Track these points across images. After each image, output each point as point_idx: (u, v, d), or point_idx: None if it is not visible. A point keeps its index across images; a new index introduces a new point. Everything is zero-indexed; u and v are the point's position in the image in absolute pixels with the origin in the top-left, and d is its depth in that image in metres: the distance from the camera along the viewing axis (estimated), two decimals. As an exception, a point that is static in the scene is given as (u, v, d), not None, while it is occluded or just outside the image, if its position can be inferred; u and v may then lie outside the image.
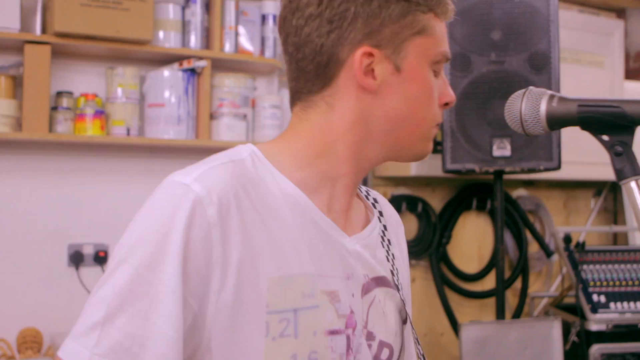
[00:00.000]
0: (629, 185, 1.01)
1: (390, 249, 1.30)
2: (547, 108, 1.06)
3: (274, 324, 1.07)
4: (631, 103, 1.01)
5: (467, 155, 3.17)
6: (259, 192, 1.12)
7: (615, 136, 1.02)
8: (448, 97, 1.22)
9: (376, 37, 1.14)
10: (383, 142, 1.19)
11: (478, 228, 4.17)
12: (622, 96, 4.36)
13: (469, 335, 3.23)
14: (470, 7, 3.19)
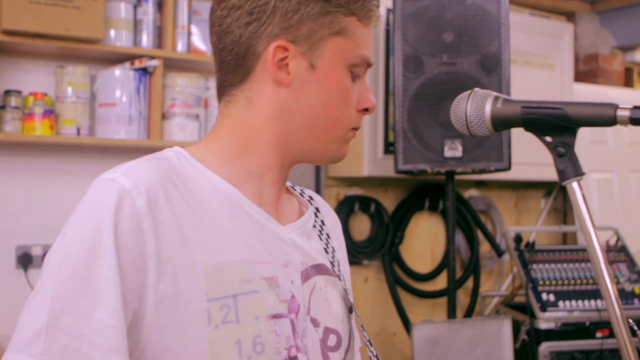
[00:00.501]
0: (571, 186, 1.03)
1: (329, 242, 1.31)
2: (491, 109, 1.08)
3: (215, 311, 1.07)
4: (573, 105, 1.02)
5: (419, 155, 3.20)
6: (187, 185, 1.12)
7: (557, 137, 1.04)
8: (368, 102, 1.23)
9: (293, 33, 1.15)
10: (301, 139, 1.20)
11: (430, 228, 4.20)
12: (571, 98, 4.43)
13: (420, 335, 3.26)
14: (423, 9, 3.21)
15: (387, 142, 3.58)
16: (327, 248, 1.29)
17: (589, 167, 4.67)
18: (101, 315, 1.01)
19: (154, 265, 1.05)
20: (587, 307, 3.55)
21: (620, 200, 4.78)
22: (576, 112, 1.02)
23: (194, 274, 1.07)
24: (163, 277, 1.05)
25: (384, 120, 3.59)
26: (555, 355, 3.49)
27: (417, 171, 3.22)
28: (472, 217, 4.16)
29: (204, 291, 1.07)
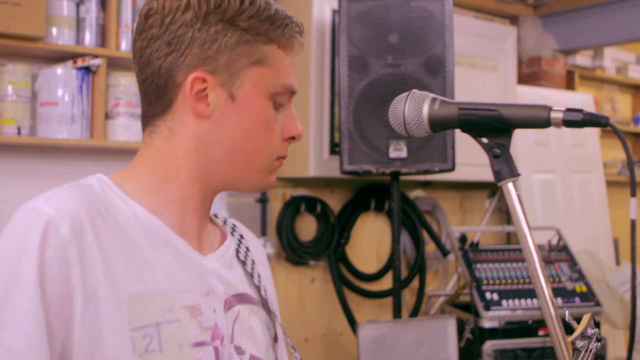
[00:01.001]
0: (507, 186, 1.04)
1: (255, 268, 1.31)
2: (429, 111, 1.09)
3: (138, 340, 1.06)
4: (508, 107, 1.04)
5: (364, 156, 3.21)
6: (111, 213, 1.11)
7: (493, 139, 1.05)
8: (294, 131, 1.23)
9: (212, 63, 1.14)
10: (223, 169, 1.19)
11: (376, 228, 4.23)
12: (514, 100, 4.50)
13: (366, 335, 3.27)
14: (368, 11, 3.23)
15: (332, 142, 3.59)
16: (252, 274, 1.28)
17: (532, 168, 4.75)
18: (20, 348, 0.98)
19: (80, 293, 1.03)
20: (530, 305, 3.61)
21: (562, 201, 4.87)
22: (511, 114, 1.03)
23: (116, 303, 1.06)
24: (88, 306, 1.04)
25: (330, 121, 3.60)
26: (499, 353, 3.53)
27: (362, 172, 3.23)
28: (417, 218, 4.20)
29: (127, 320, 1.06)
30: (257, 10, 1.16)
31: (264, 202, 3.67)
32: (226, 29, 1.14)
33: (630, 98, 6.31)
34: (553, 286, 3.73)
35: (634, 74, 5.95)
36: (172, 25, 1.14)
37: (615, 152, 6.07)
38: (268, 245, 3.64)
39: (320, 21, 3.58)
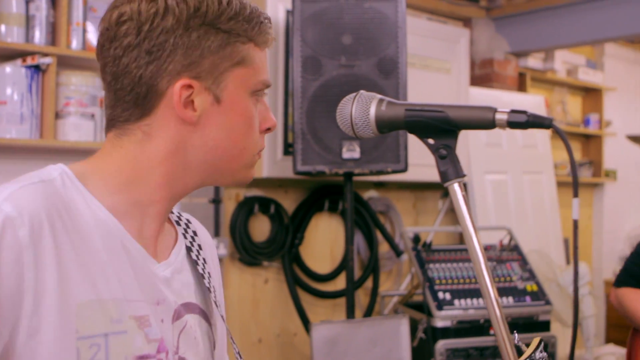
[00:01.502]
0: (452, 187, 1.05)
1: (206, 267, 1.30)
2: (376, 112, 1.09)
3: (84, 349, 1.05)
4: (454, 108, 1.05)
5: (318, 157, 3.22)
6: (70, 215, 1.09)
7: (439, 140, 1.06)
8: (269, 122, 1.24)
9: (195, 69, 1.13)
10: (202, 171, 1.19)
11: (330, 229, 4.23)
12: (467, 101, 4.54)
13: (319, 335, 3.27)
14: (322, 12, 3.23)
15: (286, 143, 3.59)
16: (203, 274, 1.27)
17: (484, 168, 4.81)
18: None
19: (30, 298, 1.02)
20: (482, 305, 3.65)
21: (514, 201, 4.93)
22: (457, 115, 1.04)
23: (65, 311, 1.04)
24: (37, 311, 1.02)
25: (284, 122, 3.59)
26: (451, 352, 3.57)
27: (315, 172, 3.24)
28: (371, 218, 4.21)
29: (75, 329, 1.05)
30: (235, 11, 1.15)
31: (217, 203, 3.65)
32: (208, 33, 1.13)
33: (581, 100, 6.42)
34: (504, 285, 3.78)
35: (584, 77, 6.05)
36: (152, 32, 1.11)
37: (566, 153, 6.16)
38: (221, 246, 3.62)
39: (274, 21, 3.57)
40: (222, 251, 3.62)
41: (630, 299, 2.61)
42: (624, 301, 2.62)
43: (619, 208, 6.63)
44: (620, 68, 6.70)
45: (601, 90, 6.31)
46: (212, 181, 1.23)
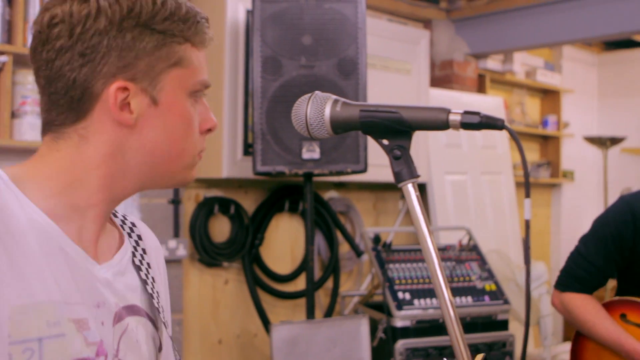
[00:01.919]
0: (406, 188, 1.05)
1: (149, 272, 1.28)
2: (331, 112, 1.09)
3: (17, 354, 1.03)
4: (408, 109, 1.05)
5: (277, 157, 3.21)
6: (3, 217, 1.07)
7: (394, 140, 1.06)
8: (210, 123, 1.22)
9: (131, 71, 1.12)
10: (141, 173, 1.17)
11: (291, 229, 4.23)
12: (427, 102, 4.57)
13: (279, 336, 3.27)
14: (282, 12, 3.23)
15: (246, 143, 3.58)
16: (146, 280, 1.25)
17: (444, 169, 4.84)
18: None
19: None
20: (441, 304, 3.67)
21: (473, 201, 4.97)
22: (411, 116, 1.05)
23: None
24: None
25: (243, 122, 3.58)
26: (411, 352, 3.58)
27: (275, 173, 3.23)
28: (331, 218, 4.22)
29: (7, 333, 1.02)
30: (170, 12, 1.14)
31: (176, 204, 3.62)
32: (143, 34, 1.12)
33: (539, 102, 6.50)
34: (463, 285, 3.81)
35: (542, 79, 6.13)
36: (84, 34, 1.09)
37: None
38: (181, 247, 3.60)
39: (234, 21, 3.56)
40: (181, 252, 3.60)
41: (577, 306, 2.46)
42: (572, 308, 2.47)
43: (576, 208, 6.72)
44: (578, 70, 6.80)
45: (559, 92, 6.40)
46: (153, 183, 1.21)
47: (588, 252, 2.46)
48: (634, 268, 2.43)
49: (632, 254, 2.40)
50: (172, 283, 3.64)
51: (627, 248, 2.39)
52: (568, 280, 2.50)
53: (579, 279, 2.47)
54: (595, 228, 2.48)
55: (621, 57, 6.94)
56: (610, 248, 2.42)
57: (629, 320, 2.39)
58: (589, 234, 2.50)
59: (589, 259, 2.45)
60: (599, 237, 2.44)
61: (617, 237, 2.40)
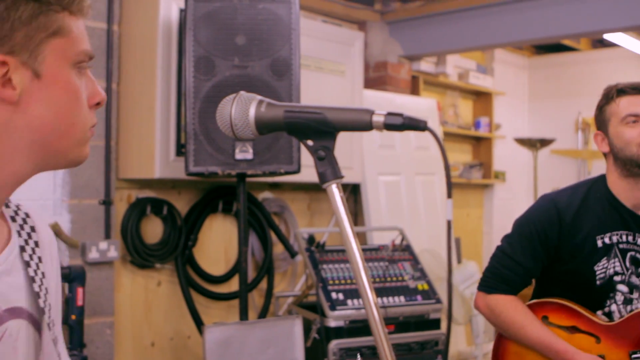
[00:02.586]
0: (330, 188, 1.06)
1: (40, 267, 1.22)
2: (255, 113, 1.09)
3: None
4: (332, 110, 1.06)
5: (210, 158, 3.19)
6: None
7: (318, 141, 1.06)
8: (98, 96, 1.17)
9: (8, 43, 1.06)
10: (31, 153, 1.11)
11: (224, 230, 4.21)
12: (361, 104, 4.60)
13: (212, 337, 3.25)
14: (215, 11, 3.21)
15: (179, 143, 3.54)
16: (34, 276, 1.19)
17: (378, 170, 4.88)
18: None
19: None
20: (374, 304, 3.69)
21: (407, 202, 5.02)
22: (335, 117, 1.05)
23: None
24: None
25: (176, 122, 3.55)
26: (344, 352, 3.60)
27: (208, 173, 3.21)
28: (265, 219, 4.21)
29: None
30: None
31: (108, 204, 3.57)
32: (17, 3, 1.06)
33: (472, 104, 6.60)
34: (396, 285, 3.84)
35: (475, 81, 6.22)
36: None
37: (457, 155, 6.33)
38: (112, 248, 3.54)
39: (167, 20, 3.53)
40: (113, 254, 3.55)
41: (506, 308, 2.38)
42: (499, 310, 2.39)
43: (507, 208, 6.85)
44: (509, 73, 6.93)
45: (491, 94, 6.51)
46: (46, 164, 1.14)
47: (514, 251, 2.41)
48: (556, 267, 2.43)
49: (556, 253, 2.39)
50: (104, 285, 3.59)
51: (553, 246, 2.38)
52: (494, 281, 2.43)
53: (506, 279, 2.42)
54: (521, 227, 2.44)
55: (551, 60, 7.10)
56: (537, 247, 2.38)
57: (551, 323, 2.36)
58: (513, 234, 2.45)
59: (515, 258, 2.40)
60: (526, 236, 2.40)
61: (543, 236, 2.37)
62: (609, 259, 2.35)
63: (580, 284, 2.38)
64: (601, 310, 2.38)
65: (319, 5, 4.79)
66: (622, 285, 2.36)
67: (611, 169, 2.42)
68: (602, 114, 2.42)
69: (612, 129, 2.38)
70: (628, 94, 2.36)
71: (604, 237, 2.37)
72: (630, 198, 2.38)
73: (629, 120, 2.33)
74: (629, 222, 2.38)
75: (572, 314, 2.36)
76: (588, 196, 2.41)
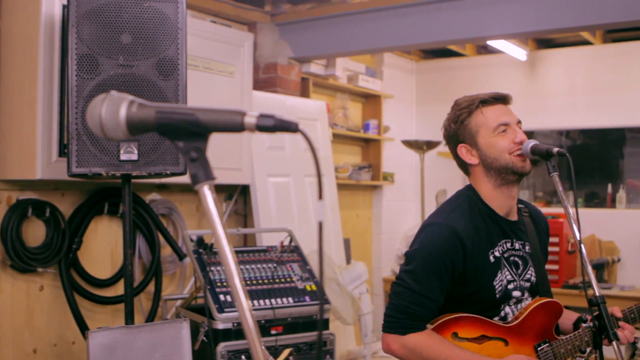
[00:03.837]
0: (202, 190, 1.05)
1: None
2: (126, 113, 1.07)
3: None
4: (204, 111, 1.05)
5: (94, 158, 3.11)
6: None
7: (190, 142, 1.06)
8: None
9: None
10: None
11: (110, 233, 4.12)
12: (250, 105, 4.59)
13: (96, 342, 3.18)
14: (99, 8, 3.14)
15: (62, 143, 3.45)
16: None
17: (267, 171, 4.88)
18: None
19: None
20: (263, 305, 3.70)
21: (296, 203, 5.04)
22: (207, 118, 1.05)
23: None
24: None
25: (59, 121, 3.45)
26: (233, 354, 3.58)
27: (91, 174, 3.13)
28: (153, 221, 4.15)
29: None
30: None
31: (-15, 206, 3.44)
32: None
33: (361, 106, 6.69)
34: (285, 286, 3.85)
35: (364, 84, 6.31)
36: None
37: (347, 157, 6.40)
38: (-10, 252, 3.41)
39: (50, 16, 3.43)
40: (-9, 258, 3.42)
41: (426, 346, 2.27)
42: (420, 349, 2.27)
43: (396, 209, 6.98)
44: (398, 77, 7.06)
45: (380, 97, 6.61)
46: None
47: (422, 288, 2.29)
48: (459, 290, 2.36)
49: (461, 278, 2.33)
50: (-19, 290, 3.45)
51: (459, 273, 2.32)
52: (407, 321, 2.31)
53: (418, 316, 2.30)
54: (426, 262, 2.31)
55: (438, 65, 7.28)
56: (444, 279, 2.30)
57: (461, 337, 2.31)
58: (417, 269, 2.32)
59: (424, 294, 2.29)
60: (433, 271, 2.30)
61: (450, 266, 2.29)
62: (502, 271, 2.37)
63: (481, 300, 2.36)
64: (497, 316, 2.38)
65: (208, 5, 4.76)
66: (516, 291, 2.40)
67: (483, 180, 2.41)
68: (466, 127, 2.42)
69: (482, 140, 2.38)
70: (491, 104, 2.40)
71: (493, 251, 2.38)
72: (503, 206, 2.42)
73: (500, 129, 2.36)
74: (505, 229, 2.42)
75: (477, 324, 2.34)
76: (472, 214, 2.38)
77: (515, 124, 2.39)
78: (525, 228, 2.49)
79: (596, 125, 6.61)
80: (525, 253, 2.46)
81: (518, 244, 2.45)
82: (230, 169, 4.46)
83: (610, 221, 6.24)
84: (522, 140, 2.35)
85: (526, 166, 2.35)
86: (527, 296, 2.45)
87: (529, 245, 2.47)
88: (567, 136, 6.97)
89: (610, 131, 6.70)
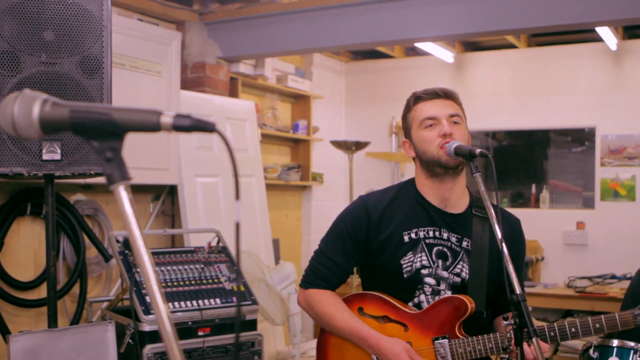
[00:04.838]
0: (118, 190, 1.04)
1: None
2: (40, 112, 1.05)
3: None
4: (120, 111, 1.04)
5: (15, 158, 3.04)
6: None
7: (105, 142, 1.04)
8: None
9: None
10: None
11: (34, 234, 4.03)
12: (178, 105, 4.55)
13: (18, 347, 3.10)
14: (21, 4, 3.06)
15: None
16: None
17: (195, 172, 4.84)
18: None
19: None
20: (190, 307, 3.66)
21: (225, 204, 5.02)
22: (122, 118, 1.03)
23: None
24: None
25: (-21, 120, 3.36)
26: (159, 356, 3.54)
27: (13, 174, 3.06)
28: (77, 222, 4.07)
29: None
30: None
31: None
32: None
33: (290, 106, 6.69)
34: (212, 287, 3.83)
35: (293, 84, 6.32)
36: None
37: (276, 157, 6.40)
38: None
39: (-32, 12, 3.33)
40: None
41: (318, 300, 2.56)
42: (313, 303, 2.57)
43: (325, 209, 7.00)
44: (327, 77, 7.09)
45: (309, 98, 6.63)
46: None
47: (328, 249, 2.57)
48: (368, 262, 2.56)
49: (366, 248, 2.53)
50: None
51: (362, 242, 2.52)
52: (312, 277, 2.59)
53: (321, 276, 2.57)
54: (334, 227, 2.60)
55: (367, 66, 7.33)
56: (347, 244, 2.54)
57: (365, 313, 2.52)
58: (329, 233, 2.61)
59: (329, 255, 2.56)
60: (337, 234, 2.56)
61: (352, 233, 2.52)
62: (415, 253, 2.49)
63: (390, 277, 2.51)
64: (411, 301, 2.51)
65: (135, 3, 4.69)
66: (430, 278, 2.50)
67: (418, 172, 2.57)
68: (405, 122, 2.58)
69: (414, 134, 2.53)
70: (423, 100, 2.52)
71: (410, 232, 2.51)
72: (437, 197, 2.53)
73: (426, 123, 2.48)
74: (434, 218, 2.53)
75: (384, 305, 2.51)
76: (397, 196, 2.57)
77: (445, 118, 2.48)
78: (470, 225, 2.56)
79: (521, 126, 6.76)
80: (458, 247, 2.54)
81: (450, 236, 2.54)
82: (157, 169, 4.41)
83: (534, 221, 6.37)
84: (446, 133, 2.45)
85: (450, 161, 2.42)
86: (446, 288, 2.51)
87: (469, 241, 2.55)
88: (493, 137, 7.11)
89: (535, 133, 6.86)
